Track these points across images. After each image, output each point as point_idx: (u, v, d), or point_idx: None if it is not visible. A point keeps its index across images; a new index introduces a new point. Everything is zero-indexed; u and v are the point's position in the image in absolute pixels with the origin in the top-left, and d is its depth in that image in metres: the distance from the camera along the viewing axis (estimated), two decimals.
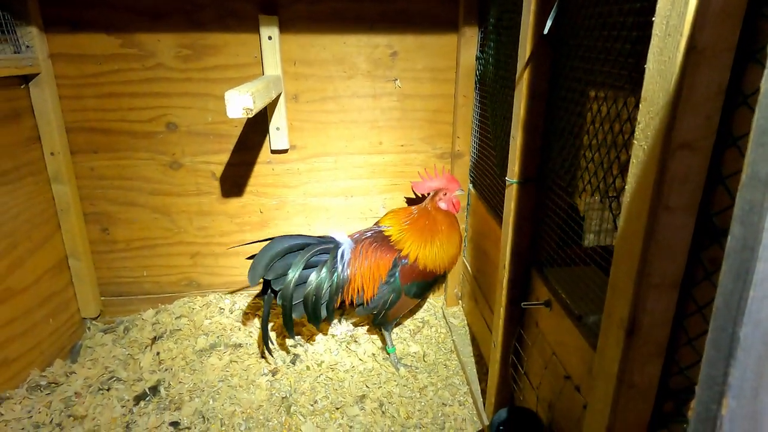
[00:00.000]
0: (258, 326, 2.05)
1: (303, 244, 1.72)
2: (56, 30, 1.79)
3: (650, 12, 0.80)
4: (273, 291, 1.69)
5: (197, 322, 2.05)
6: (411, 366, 1.88)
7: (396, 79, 1.99)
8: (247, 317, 2.10)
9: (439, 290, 2.29)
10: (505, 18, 1.54)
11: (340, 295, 1.77)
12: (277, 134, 1.97)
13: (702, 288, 0.67)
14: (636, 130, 0.67)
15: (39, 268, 1.82)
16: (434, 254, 1.78)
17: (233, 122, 1.96)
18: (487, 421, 1.56)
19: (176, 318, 2.08)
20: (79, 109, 1.89)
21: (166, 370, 1.82)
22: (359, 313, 1.83)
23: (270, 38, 1.82)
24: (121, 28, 1.81)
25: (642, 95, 0.65)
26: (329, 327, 2.05)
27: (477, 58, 1.90)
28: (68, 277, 2.01)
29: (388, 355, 1.90)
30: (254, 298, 2.19)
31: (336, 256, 1.75)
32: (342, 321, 2.09)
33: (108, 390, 1.72)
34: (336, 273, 1.74)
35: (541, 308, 1.26)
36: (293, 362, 1.88)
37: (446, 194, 1.83)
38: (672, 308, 0.68)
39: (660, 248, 0.64)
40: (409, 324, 2.13)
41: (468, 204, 2.09)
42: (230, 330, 2.03)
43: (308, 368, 1.85)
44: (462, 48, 1.89)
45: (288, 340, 1.96)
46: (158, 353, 1.89)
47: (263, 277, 1.66)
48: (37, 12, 1.74)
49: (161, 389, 1.73)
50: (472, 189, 2.04)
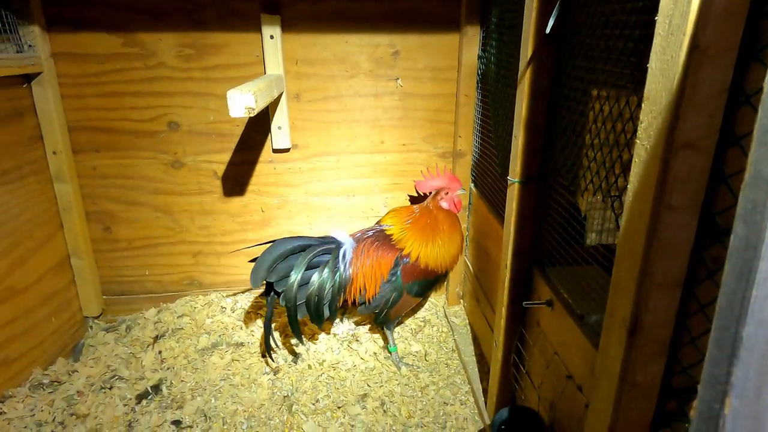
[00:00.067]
0: (260, 325, 2.05)
1: (305, 246, 1.72)
2: (58, 29, 1.79)
3: (652, 11, 0.80)
4: (276, 293, 1.69)
5: (199, 321, 2.05)
6: (412, 365, 1.89)
7: (398, 79, 1.99)
8: (249, 316, 2.10)
9: (441, 289, 2.29)
10: (507, 17, 1.54)
11: (343, 295, 1.77)
12: (279, 133, 1.97)
13: (704, 287, 0.67)
14: (638, 130, 0.67)
15: (41, 267, 1.83)
16: (436, 253, 1.78)
17: (235, 121, 1.97)
18: (489, 421, 1.56)
19: (178, 317, 2.08)
20: (81, 108, 1.89)
21: (168, 369, 1.82)
22: (361, 312, 1.83)
23: (272, 37, 1.82)
24: (123, 28, 1.81)
25: (644, 94, 0.65)
26: (331, 326, 2.05)
27: (479, 57, 1.90)
28: (70, 276, 2.01)
29: (390, 354, 1.90)
30: (257, 297, 2.20)
31: (338, 256, 1.75)
32: (344, 320, 2.09)
33: (110, 389, 1.73)
34: (338, 273, 1.74)
35: (543, 307, 1.26)
36: (295, 361, 1.88)
37: (448, 193, 1.84)
38: (674, 307, 0.68)
39: (662, 247, 0.64)
40: (411, 323, 2.13)
41: (470, 203, 2.09)
42: (232, 329, 2.03)
43: (310, 367, 1.86)
44: (464, 47, 1.89)
45: (292, 339, 1.96)
46: (160, 352, 1.89)
47: (265, 280, 1.66)
48: (40, 11, 1.74)
49: (163, 388, 1.73)
50: (474, 188, 2.04)
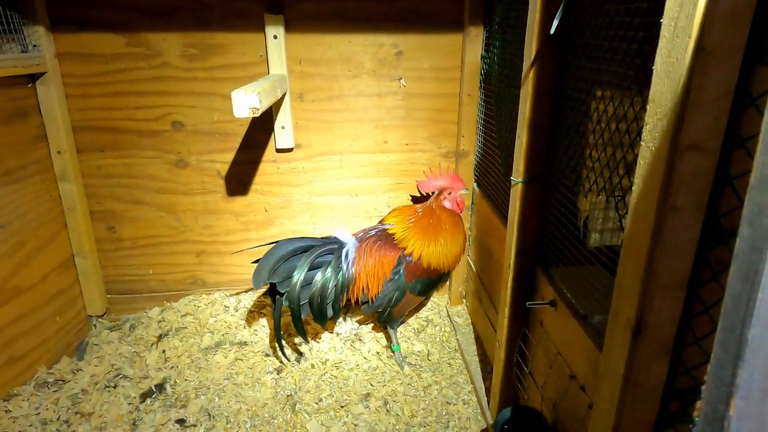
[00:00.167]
0: (263, 324, 2.06)
1: (307, 246, 1.73)
2: (63, 29, 1.80)
3: (657, 12, 0.80)
4: (279, 293, 1.70)
5: (202, 320, 2.06)
6: (415, 365, 1.89)
7: (401, 78, 1.99)
8: (252, 315, 2.11)
9: (443, 289, 2.29)
10: (511, 17, 1.54)
11: (346, 294, 1.78)
12: (283, 133, 1.97)
13: (709, 288, 0.67)
14: (643, 131, 0.67)
15: (46, 266, 1.84)
16: (438, 252, 1.78)
17: (239, 121, 1.97)
18: (491, 420, 1.57)
19: (182, 316, 2.09)
20: (86, 108, 1.90)
21: (172, 368, 1.83)
22: (364, 312, 1.83)
23: (275, 37, 1.83)
24: (127, 28, 1.82)
25: (650, 96, 0.65)
26: (334, 325, 2.06)
27: (482, 57, 1.90)
28: (74, 275, 2.02)
29: (393, 353, 1.91)
30: (260, 297, 2.20)
31: (340, 256, 1.76)
32: (347, 319, 2.10)
33: (114, 387, 1.74)
34: (341, 272, 1.74)
35: (546, 308, 1.26)
36: (298, 360, 1.89)
37: (451, 193, 1.84)
38: (679, 308, 0.68)
39: (667, 248, 0.65)
40: (414, 323, 2.13)
41: (472, 203, 2.09)
42: (235, 328, 2.04)
43: (313, 366, 1.86)
44: (467, 47, 1.89)
45: (295, 339, 1.97)
46: (164, 351, 1.90)
47: (268, 281, 1.67)
48: (44, 11, 1.74)
49: (167, 387, 1.74)
50: (477, 188, 2.04)
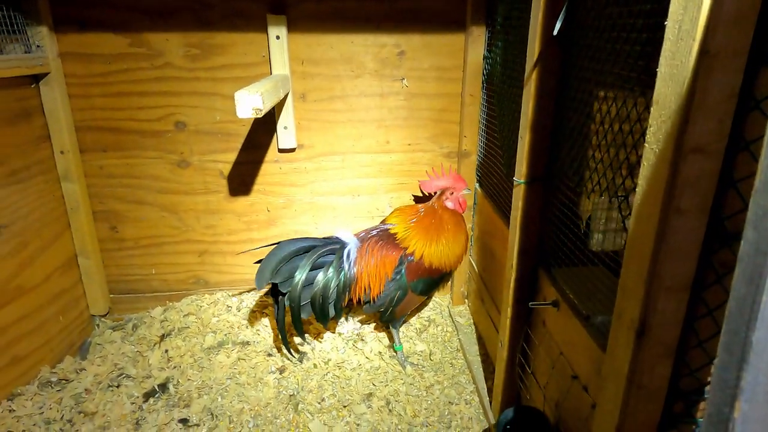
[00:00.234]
0: (265, 324, 2.06)
1: (309, 247, 1.73)
2: (66, 29, 1.80)
3: (660, 14, 0.80)
4: (281, 293, 1.70)
5: (205, 320, 2.07)
6: (417, 364, 1.89)
7: (403, 78, 1.99)
8: (255, 315, 2.11)
9: (445, 289, 2.29)
10: (513, 17, 1.54)
11: (348, 294, 1.78)
12: (285, 133, 1.98)
13: (712, 291, 0.67)
14: (647, 134, 0.67)
15: (49, 266, 1.84)
16: (440, 252, 1.78)
17: (241, 121, 1.97)
18: (494, 420, 1.57)
19: (184, 316, 2.10)
20: (88, 108, 1.90)
21: (175, 368, 1.83)
22: (367, 311, 1.84)
23: (278, 37, 1.83)
24: (130, 28, 1.82)
25: (654, 99, 0.65)
26: (336, 325, 2.06)
27: (484, 57, 1.90)
28: (77, 275, 2.02)
29: (396, 353, 1.91)
30: (262, 297, 2.21)
31: (342, 256, 1.76)
32: (349, 319, 2.10)
33: (117, 387, 1.74)
34: (343, 272, 1.74)
35: (549, 308, 1.26)
36: (300, 360, 1.89)
37: (453, 193, 1.84)
38: (682, 310, 0.68)
39: (671, 251, 0.65)
40: (416, 322, 2.14)
41: (474, 203, 2.09)
42: (238, 328, 2.04)
43: (315, 366, 1.86)
44: (469, 47, 1.89)
45: (296, 339, 1.97)
46: (167, 351, 1.91)
47: (270, 281, 1.68)
48: (47, 12, 1.75)
49: (170, 386, 1.75)
50: (479, 188, 2.04)
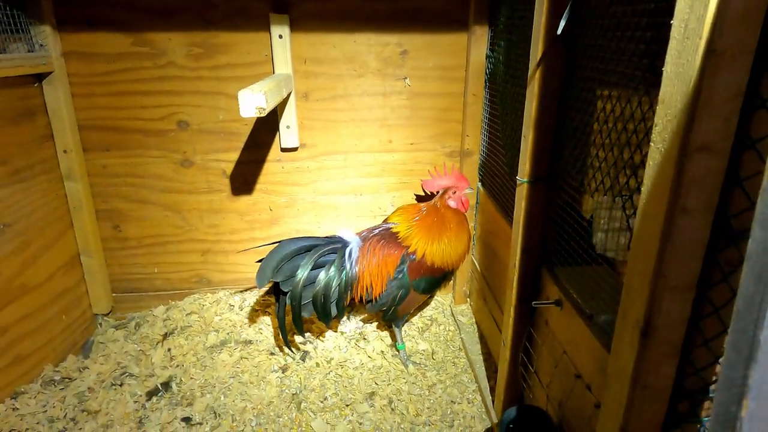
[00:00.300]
0: (268, 323, 2.07)
1: (310, 246, 1.74)
2: (69, 29, 1.80)
3: (665, 13, 0.80)
4: (282, 292, 1.70)
5: (207, 319, 2.07)
6: (420, 363, 1.89)
7: (406, 78, 1.99)
8: (257, 314, 2.12)
9: (448, 288, 2.30)
10: (516, 17, 1.54)
11: (350, 293, 1.78)
12: (288, 132, 1.98)
13: (718, 289, 0.67)
14: (653, 132, 0.67)
15: (52, 265, 1.84)
16: (442, 251, 1.78)
17: (244, 120, 1.97)
18: (496, 419, 1.57)
19: (187, 314, 2.10)
20: (91, 107, 1.91)
21: (178, 366, 1.83)
22: (369, 310, 1.84)
23: (281, 37, 1.83)
24: (133, 27, 1.82)
25: (659, 97, 0.65)
26: (339, 324, 2.06)
27: (487, 57, 1.90)
28: (80, 274, 2.03)
29: (398, 352, 1.91)
30: (263, 296, 2.21)
31: (344, 255, 1.76)
32: (351, 318, 2.10)
33: (120, 385, 1.75)
34: (344, 271, 1.75)
35: (552, 307, 1.26)
36: (303, 359, 1.89)
37: (456, 192, 1.84)
38: (688, 309, 0.68)
39: (676, 250, 0.65)
40: (418, 322, 2.14)
41: (477, 202, 2.09)
42: (240, 327, 2.05)
43: (318, 365, 1.87)
44: (472, 46, 1.89)
45: (297, 337, 1.98)
46: (169, 349, 1.91)
47: (271, 280, 1.68)
48: (51, 11, 1.75)
49: (173, 385, 1.75)
50: (481, 187, 2.04)
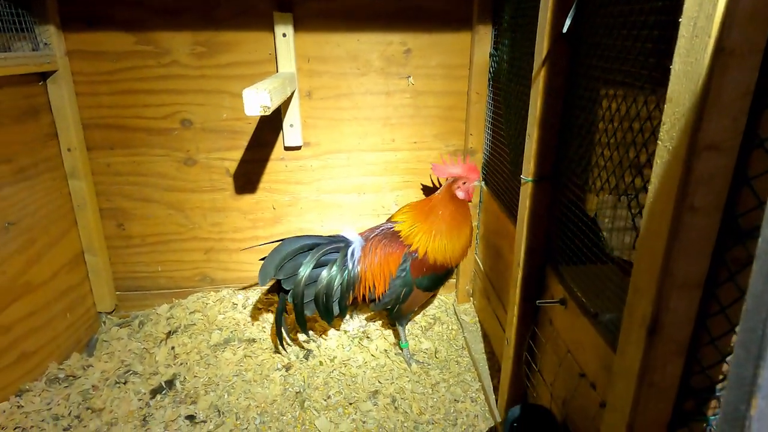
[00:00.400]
0: (271, 321, 2.07)
1: (313, 245, 1.74)
2: (73, 27, 1.80)
3: (672, 11, 0.80)
4: (284, 290, 1.71)
5: (211, 317, 2.07)
6: (423, 362, 1.89)
7: (409, 76, 1.99)
8: (260, 313, 2.12)
9: (450, 287, 2.30)
10: (521, 15, 1.54)
11: (352, 293, 1.78)
12: (291, 131, 1.98)
13: (725, 288, 0.67)
14: (661, 131, 0.67)
15: (56, 263, 1.85)
16: (444, 247, 1.77)
17: (247, 119, 1.98)
18: (500, 418, 1.57)
19: (190, 313, 2.10)
20: (96, 106, 1.91)
21: (181, 365, 1.84)
22: (374, 309, 1.84)
23: (284, 35, 1.83)
24: (137, 26, 1.83)
25: (667, 96, 0.65)
26: (342, 323, 2.07)
27: (491, 55, 1.89)
28: (84, 272, 2.03)
29: (401, 351, 1.91)
30: (266, 294, 2.21)
31: (346, 255, 1.76)
32: (354, 317, 2.10)
33: (125, 383, 1.75)
34: (346, 270, 1.75)
35: (556, 306, 1.26)
36: (306, 357, 1.90)
37: (465, 183, 1.80)
38: (695, 308, 0.68)
39: (684, 248, 0.65)
40: (421, 320, 2.14)
41: (480, 201, 2.09)
42: (243, 325, 2.05)
43: (321, 363, 1.87)
44: (476, 45, 1.89)
45: (300, 336, 1.98)
46: (173, 348, 1.91)
47: (273, 278, 1.68)
48: (55, 10, 1.75)
49: (177, 383, 1.75)
50: (485, 186, 2.04)
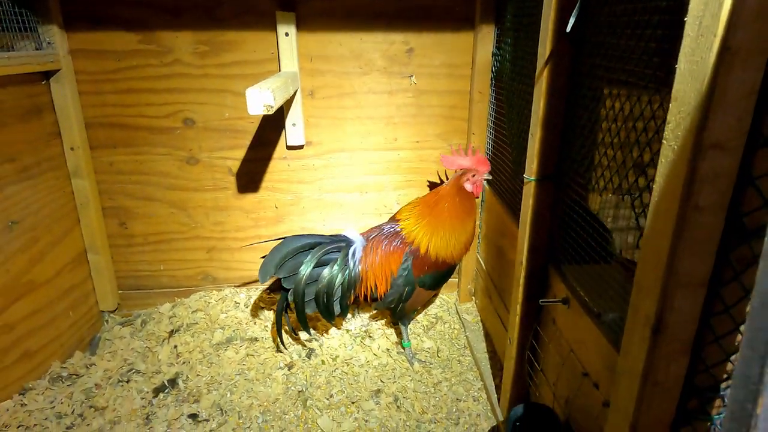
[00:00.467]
0: (273, 320, 2.07)
1: (314, 243, 1.74)
2: (76, 27, 1.81)
3: (675, 10, 0.80)
4: (285, 289, 1.71)
5: (213, 316, 2.08)
6: (425, 361, 1.90)
7: (412, 76, 1.99)
8: (263, 312, 2.12)
9: (452, 286, 2.30)
10: (524, 14, 1.54)
11: (353, 292, 1.79)
12: (293, 130, 1.98)
13: (730, 287, 0.67)
14: (665, 130, 0.67)
15: (59, 262, 1.85)
16: (446, 241, 1.75)
17: (250, 118, 1.98)
18: (502, 417, 1.57)
19: (192, 312, 2.11)
20: (99, 105, 1.91)
21: (184, 363, 1.84)
22: (377, 308, 1.85)
23: (287, 34, 1.83)
24: (140, 25, 1.83)
25: (672, 95, 0.65)
26: (343, 322, 2.07)
27: (493, 55, 1.89)
28: (87, 271, 2.04)
29: (403, 349, 1.92)
30: (268, 293, 2.22)
31: (347, 254, 1.76)
32: (356, 316, 2.11)
33: (127, 382, 1.75)
34: (347, 270, 1.75)
35: (559, 305, 1.26)
36: (309, 356, 1.90)
37: (474, 176, 1.75)
38: (699, 307, 0.68)
39: (689, 247, 0.65)
40: (423, 320, 2.14)
41: (482, 200, 2.09)
42: (246, 324, 2.05)
43: (323, 362, 1.87)
44: (478, 44, 1.89)
45: (302, 334, 1.98)
46: (176, 346, 1.92)
47: (274, 276, 1.68)
48: (58, 9, 1.75)
49: (179, 382, 1.76)
50: (487, 185, 2.04)
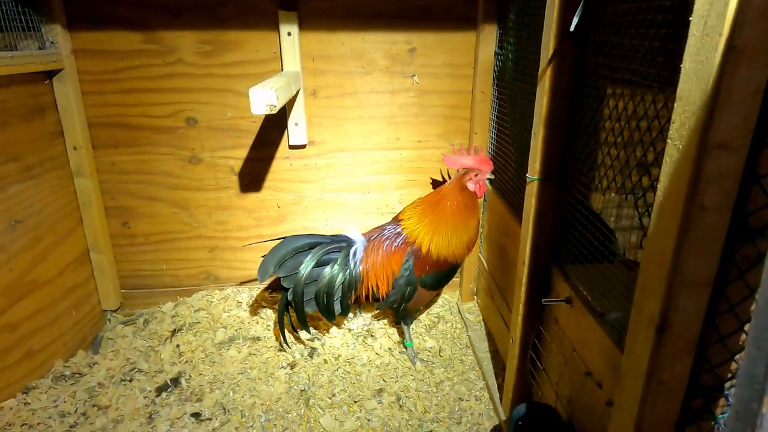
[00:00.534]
0: (275, 320, 2.07)
1: (314, 243, 1.74)
2: (79, 26, 1.81)
3: (679, 10, 0.80)
4: (285, 288, 1.71)
5: (215, 315, 2.08)
6: (427, 361, 1.90)
7: (414, 75, 1.99)
8: (265, 311, 2.12)
9: (454, 286, 2.30)
10: (526, 13, 1.54)
11: (354, 292, 1.79)
12: (296, 130, 1.98)
13: (735, 287, 0.67)
14: (670, 130, 0.67)
15: (62, 261, 1.86)
16: (448, 241, 1.74)
17: (252, 118, 1.98)
18: (504, 416, 1.57)
19: (195, 311, 2.11)
20: (101, 105, 1.92)
21: (187, 362, 1.84)
22: (379, 308, 1.85)
23: (289, 34, 1.83)
24: (143, 25, 1.83)
25: (677, 95, 0.65)
26: (344, 321, 2.07)
27: (496, 54, 1.89)
28: (90, 270, 2.04)
29: (406, 349, 1.92)
30: (270, 293, 2.22)
31: (348, 254, 1.76)
32: (358, 315, 2.11)
33: (130, 381, 1.76)
34: (348, 270, 1.75)
35: (562, 305, 1.26)
36: (311, 356, 1.90)
37: (477, 175, 1.74)
38: (704, 306, 0.68)
39: (693, 247, 0.65)
40: (425, 319, 2.14)
41: (485, 200, 2.09)
42: (248, 323, 2.05)
43: (326, 362, 1.87)
44: (480, 44, 1.89)
45: (303, 333, 1.98)
46: (178, 345, 1.92)
47: (273, 275, 1.69)
48: (61, 9, 1.76)
49: (182, 381, 1.76)
50: (489, 185, 2.04)
